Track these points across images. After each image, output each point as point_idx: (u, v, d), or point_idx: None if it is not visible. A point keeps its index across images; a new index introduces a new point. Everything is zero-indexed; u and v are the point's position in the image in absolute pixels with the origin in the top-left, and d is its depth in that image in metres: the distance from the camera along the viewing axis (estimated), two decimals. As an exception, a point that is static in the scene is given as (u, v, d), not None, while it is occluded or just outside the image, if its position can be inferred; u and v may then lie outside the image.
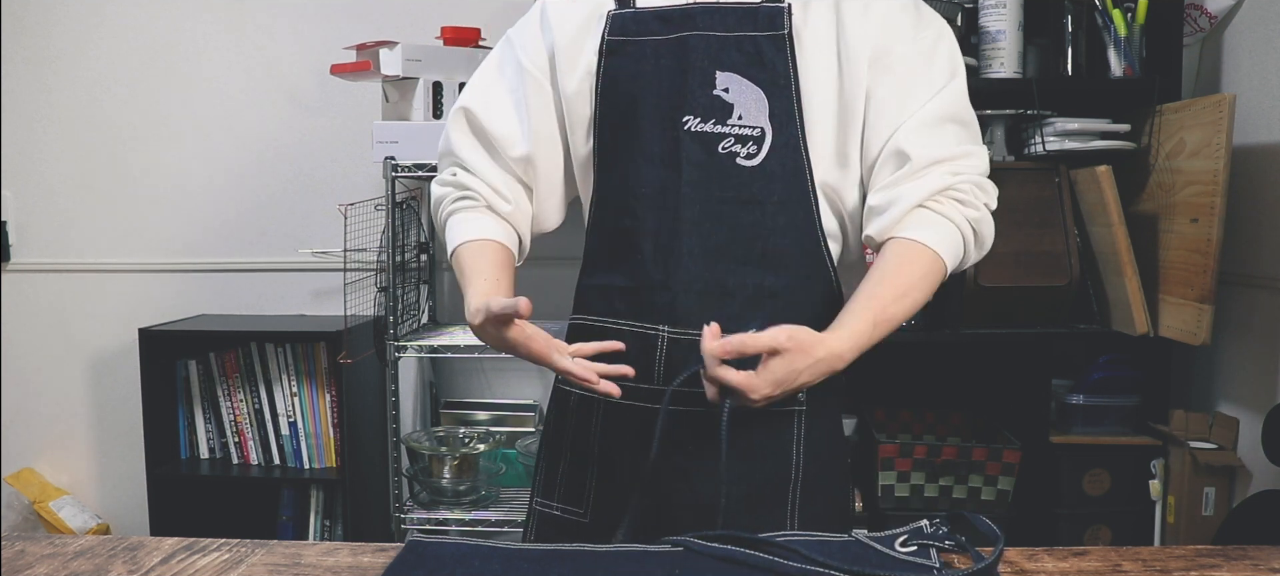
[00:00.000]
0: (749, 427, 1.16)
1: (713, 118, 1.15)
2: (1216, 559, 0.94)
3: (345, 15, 2.59)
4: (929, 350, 2.42)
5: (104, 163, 2.70)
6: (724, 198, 1.14)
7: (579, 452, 1.24)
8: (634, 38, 1.18)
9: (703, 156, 1.14)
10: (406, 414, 2.68)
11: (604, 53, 1.19)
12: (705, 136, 1.14)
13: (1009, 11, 2.12)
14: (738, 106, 1.14)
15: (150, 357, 2.43)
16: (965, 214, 1.14)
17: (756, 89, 1.14)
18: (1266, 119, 2.03)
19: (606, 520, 1.19)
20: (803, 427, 1.19)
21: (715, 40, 1.15)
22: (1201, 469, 2.05)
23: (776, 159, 1.14)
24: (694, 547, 0.95)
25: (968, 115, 1.17)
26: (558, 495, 1.26)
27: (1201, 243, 1.93)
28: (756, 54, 1.14)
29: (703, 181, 1.14)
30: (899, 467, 2.15)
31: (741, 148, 1.14)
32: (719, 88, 1.14)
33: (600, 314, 1.21)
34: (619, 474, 1.20)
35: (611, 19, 1.19)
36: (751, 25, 1.15)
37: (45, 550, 0.99)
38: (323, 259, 2.63)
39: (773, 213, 1.14)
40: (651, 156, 1.16)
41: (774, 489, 1.18)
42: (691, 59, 1.15)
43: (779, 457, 1.18)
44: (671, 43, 1.16)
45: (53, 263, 2.74)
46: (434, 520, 2.28)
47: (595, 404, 1.22)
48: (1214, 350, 2.16)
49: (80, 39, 2.67)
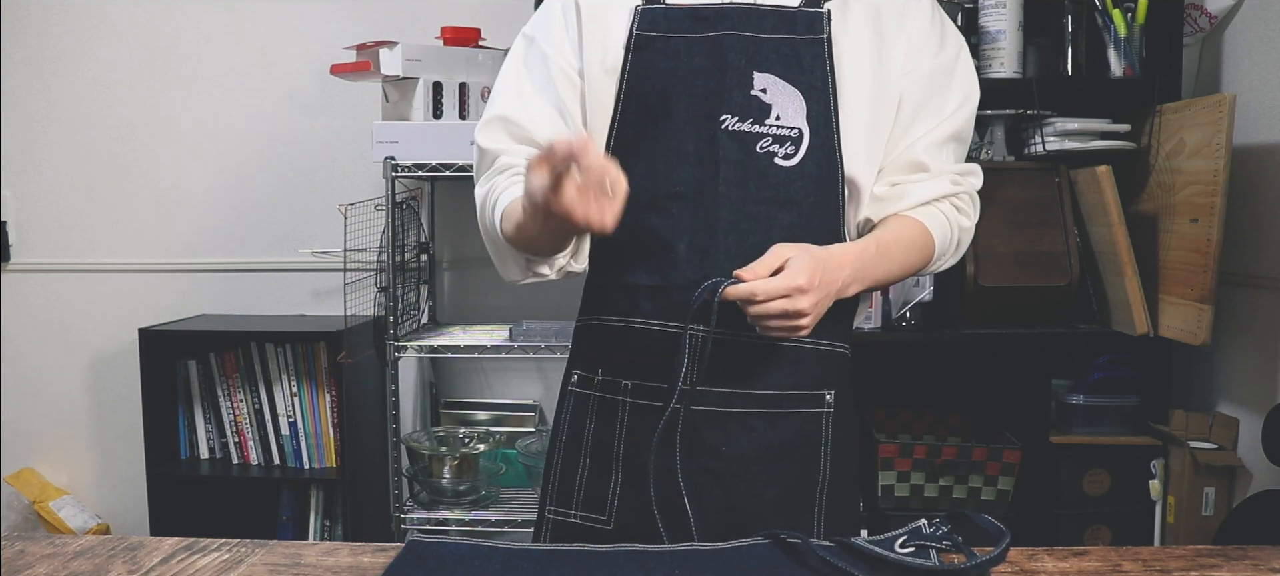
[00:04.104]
0: (781, 428, 1.16)
1: (751, 117, 1.13)
2: (1216, 559, 0.94)
3: (345, 15, 2.59)
4: (929, 350, 2.42)
5: (104, 163, 2.70)
6: (761, 198, 1.13)
7: (600, 457, 1.20)
8: (664, 33, 1.16)
9: (740, 155, 1.13)
10: (406, 414, 2.68)
11: (632, 47, 1.17)
12: (743, 135, 1.13)
13: (1009, 11, 2.12)
14: (775, 107, 1.14)
15: (150, 357, 2.43)
16: (959, 221, 1.21)
17: (794, 90, 1.14)
18: (1266, 119, 2.03)
19: (633, 525, 1.16)
20: (830, 429, 1.19)
21: (752, 41, 1.14)
22: (1201, 469, 2.05)
23: (813, 160, 1.14)
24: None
25: (969, 134, 1.24)
26: (577, 502, 1.21)
27: (1201, 243, 1.93)
28: (794, 57, 1.14)
29: (739, 181, 1.13)
30: (899, 467, 2.15)
31: (779, 148, 1.13)
32: (757, 88, 1.14)
33: (622, 314, 1.18)
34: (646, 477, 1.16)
35: (640, 13, 1.17)
36: (789, 28, 1.15)
37: (45, 550, 0.98)
38: (323, 259, 2.63)
39: (808, 213, 1.15)
40: (686, 154, 1.14)
41: (804, 491, 1.18)
42: (728, 58, 1.14)
43: (809, 460, 1.18)
44: (705, 41, 1.15)
45: (53, 262, 2.74)
46: (434, 520, 2.28)
47: (619, 406, 1.19)
48: (1214, 350, 2.16)
49: (80, 39, 2.67)
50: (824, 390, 1.18)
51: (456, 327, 2.54)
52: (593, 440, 1.21)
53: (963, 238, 1.22)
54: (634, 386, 1.18)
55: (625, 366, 1.18)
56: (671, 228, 1.15)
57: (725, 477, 1.15)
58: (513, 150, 1.18)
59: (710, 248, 1.13)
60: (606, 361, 1.20)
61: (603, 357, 1.21)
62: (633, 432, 1.18)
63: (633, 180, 1.13)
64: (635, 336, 1.17)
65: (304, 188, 2.66)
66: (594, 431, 1.21)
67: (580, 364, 1.24)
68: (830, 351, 1.19)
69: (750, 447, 1.15)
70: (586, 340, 1.24)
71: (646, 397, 1.17)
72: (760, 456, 1.16)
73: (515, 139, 1.19)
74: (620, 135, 1.18)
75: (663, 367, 1.14)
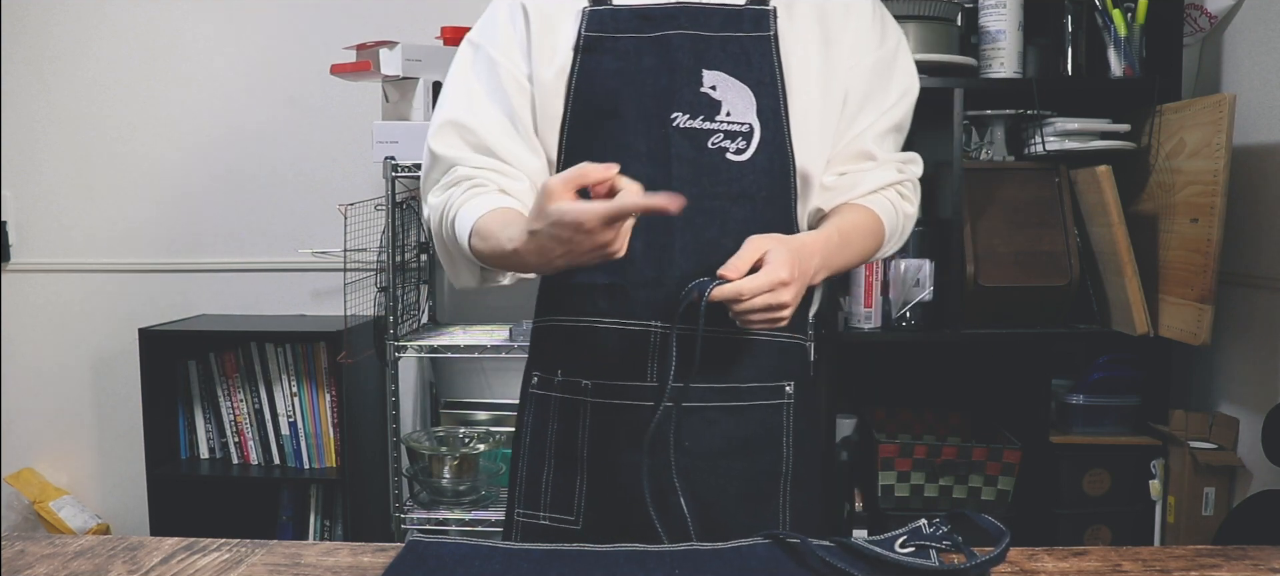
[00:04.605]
0: (743, 421, 1.17)
1: (701, 114, 1.15)
2: (1216, 559, 0.94)
3: (345, 15, 2.59)
4: (929, 350, 2.42)
5: (104, 163, 2.70)
6: (714, 193, 1.15)
7: (565, 458, 1.21)
8: (613, 34, 1.17)
9: (692, 153, 1.15)
10: (406, 414, 2.68)
11: (581, 48, 1.17)
12: (694, 132, 1.15)
13: (1009, 11, 2.12)
14: (726, 103, 1.15)
15: (150, 357, 2.43)
16: (904, 208, 1.25)
17: (744, 87, 1.16)
18: (1266, 119, 2.03)
19: (601, 525, 1.18)
20: (791, 420, 1.20)
21: (700, 39, 1.16)
22: (1201, 469, 2.05)
23: (764, 155, 1.16)
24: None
25: (908, 124, 1.28)
26: (545, 504, 1.22)
27: (1201, 243, 1.93)
28: (742, 54, 1.16)
29: (692, 177, 1.14)
30: (899, 467, 2.15)
31: (730, 143, 1.15)
32: (706, 85, 1.15)
33: (580, 313, 1.19)
34: (613, 477, 1.18)
35: (588, 15, 1.17)
36: (736, 26, 1.17)
37: (45, 550, 0.98)
38: (323, 259, 2.63)
39: (762, 207, 1.16)
40: (638, 153, 1.15)
41: (768, 482, 1.20)
42: (677, 57, 1.15)
43: (772, 451, 1.20)
44: (653, 41, 1.16)
45: (53, 262, 2.74)
46: (434, 520, 2.28)
47: (581, 406, 1.20)
48: (1214, 350, 2.16)
49: (80, 39, 2.67)
50: (784, 382, 1.20)
51: (456, 327, 2.54)
52: (556, 441, 1.22)
53: (906, 224, 1.27)
54: (595, 386, 1.18)
55: (585, 366, 1.19)
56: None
57: (691, 474, 1.16)
58: (470, 159, 1.17)
59: (666, 244, 1.14)
60: (566, 362, 1.21)
61: (562, 358, 1.21)
62: (596, 432, 1.19)
63: None
64: (594, 336, 1.17)
65: (304, 188, 2.66)
66: (557, 432, 1.22)
67: (539, 365, 1.25)
68: (789, 343, 1.21)
69: (713, 442, 1.17)
70: (545, 341, 1.25)
71: (608, 396, 1.18)
72: (724, 450, 1.17)
73: (471, 146, 1.18)
74: (572, 137, 1.18)
75: (623, 366, 1.15)
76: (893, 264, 2.16)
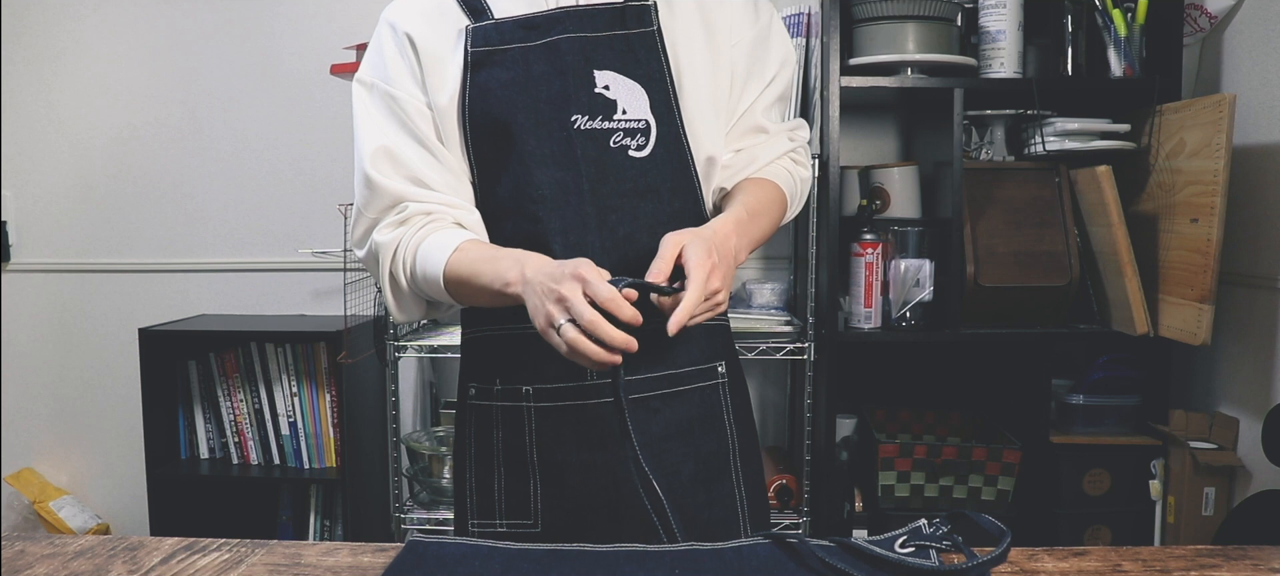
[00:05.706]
0: (684, 405, 1.20)
1: (599, 114, 1.17)
2: (1216, 559, 0.94)
3: (345, 15, 2.59)
4: (929, 350, 2.42)
5: (104, 163, 2.70)
6: (621, 190, 1.16)
7: (515, 464, 1.21)
8: (500, 46, 1.17)
9: (596, 152, 1.16)
10: (406, 414, 2.68)
11: (470, 65, 1.17)
12: (596, 133, 1.16)
13: (1009, 11, 2.12)
14: (621, 102, 1.17)
15: (150, 357, 2.43)
16: (799, 172, 1.31)
17: (635, 84, 1.18)
18: (1266, 119, 2.03)
19: (560, 525, 1.19)
20: (728, 397, 1.25)
21: (587, 41, 1.17)
22: (1201, 469, 2.05)
23: (663, 148, 1.18)
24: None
25: (791, 92, 1.34)
26: (500, 512, 1.22)
27: (1201, 243, 1.93)
28: (629, 52, 1.18)
29: (600, 177, 1.16)
30: (899, 467, 2.15)
31: (630, 140, 1.17)
32: (600, 86, 1.17)
33: (511, 322, 1.18)
34: (565, 478, 1.19)
35: (472, 33, 1.17)
36: (620, 25, 1.18)
37: (45, 550, 0.98)
38: (323, 259, 2.63)
39: (667, 199, 1.18)
40: (543, 159, 1.16)
41: (718, 460, 1.23)
42: (567, 60, 1.16)
43: (716, 430, 1.23)
44: (541, 48, 1.17)
45: (53, 263, 2.74)
46: (434, 520, 2.28)
47: (524, 413, 1.20)
48: (1214, 350, 2.16)
49: (80, 39, 2.67)
50: (715, 362, 1.24)
51: (456, 328, 2.53)
52: (504, 449, 1.22)
53: (803, 188, 1.32)
54: (536, 391, 1.19)
55: (524, 373, 1.20)
56: (543, 231, 1.16)
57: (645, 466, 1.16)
58: (414, 194, 1.16)
59: (584, 243, 1.15)
60: (503, 371, 1.21)
61: (499, 367, 1.22)
62: (544, 437, 1.20)
63: (499, 193, 1.18)
64: (528, 342, 1.16)
65: (304, 187, 2.66)
66: (504, 440, 1.22)
67: (475, 376, 1.25)
68: (714, 325, 1.24)
69: (658, 429, 1.19)
70: (478, 352, 1.25)
71: (550, 399, 1.19)
72: (670, 435, 1.19)
73: (408, 179, 1.16)
74: (478, 153, 1.18)
75: (562, 369, 1.15)
76: (893, 264, 2.16)
